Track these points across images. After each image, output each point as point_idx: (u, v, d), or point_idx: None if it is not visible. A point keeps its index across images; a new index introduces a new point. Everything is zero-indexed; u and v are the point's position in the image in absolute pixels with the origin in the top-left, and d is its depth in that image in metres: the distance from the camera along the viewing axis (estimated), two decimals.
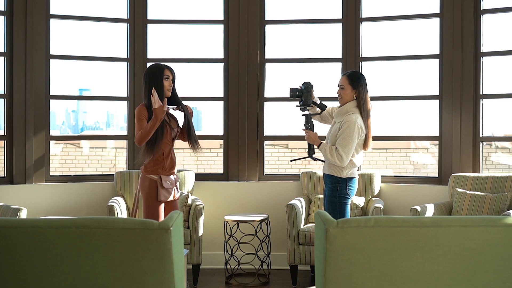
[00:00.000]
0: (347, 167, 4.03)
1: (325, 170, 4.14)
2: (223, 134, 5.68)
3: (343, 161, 3.96)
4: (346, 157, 3.95)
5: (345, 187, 4.03)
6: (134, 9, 5.60)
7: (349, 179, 4.05)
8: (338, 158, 3.96)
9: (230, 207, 5.48)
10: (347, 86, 4.06)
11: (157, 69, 3.94)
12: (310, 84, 4.15)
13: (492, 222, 2.23)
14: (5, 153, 5.35)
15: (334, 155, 3.97)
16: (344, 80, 4.09)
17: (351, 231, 2.15)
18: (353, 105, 4.05)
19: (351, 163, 4.04)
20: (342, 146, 3.95)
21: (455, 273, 2.19)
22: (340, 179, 4.03)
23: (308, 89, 4.14)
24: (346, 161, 3.97)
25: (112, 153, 10.56)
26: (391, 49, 6.38)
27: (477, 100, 5.33)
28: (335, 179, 4.04)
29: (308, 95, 4.15)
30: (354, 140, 3.97)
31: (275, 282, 5.07)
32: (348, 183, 4.04)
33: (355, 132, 3.96)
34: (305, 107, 4.16)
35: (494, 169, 9.70)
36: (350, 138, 3.95)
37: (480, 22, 5.33)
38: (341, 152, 3.95)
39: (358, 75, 4.12)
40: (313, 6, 6.33)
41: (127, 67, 5.62)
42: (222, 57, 5.69)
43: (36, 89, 5.38)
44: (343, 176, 4.03)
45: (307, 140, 4.19)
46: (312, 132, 4.16)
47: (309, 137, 4.16)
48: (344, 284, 2.18)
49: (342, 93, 4.08)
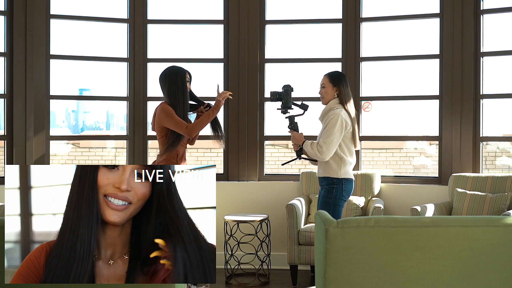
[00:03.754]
0: (341, 166, 4.02)
1: (319, 174, 4.15)
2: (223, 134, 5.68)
3: (323, 153, 3.96)
4: (326, 149, 3.96)
5: (341, 188, 4.02)
6: (134, 9, 5.60)
7: (345, 180, 4.04)
8: (318, 150, 3.97)
9: (230, 207, 5.48)
10: (327, 84, 4.13)
11: (179, 72, 4.08)
12: (290, 86, 4.21)
13: (492, 222, 2.23)
14: (5, 153, 5.35)
15: (314, 148, 4.00)
16: (325, 79, 4.17)
17: (351, 231, 2.15)
18: (335, 102, 4.11)
19: (344, 161, 4.04)
20: (324, 138, 3.98)
21: (455, 273, 2.19)
22: (336, 180, 4.02)
23: (288, 91, 4.19)
24: (326, 153, 3.96)
25: (112, 153, 10.55)
26: (391, 49, 6.37)
27: (477, 100, 5.33)
28: (331, 180, 4.03)
29: (288, 98, 4.19)
30: (336, 132, 3.97)
31: (275, 282, 5.07)
32: (345, 184, 4.03)
33: (338, 125, 3.98)
34: (285, 109, 4.22)
35: (494, 169, 9.69)
36: (332, 130, 3.97)
37: (480, 22, 5.32)
38: (322, 143, 3.97)
39: (338, 74, 4.20)
40: (313, 6, 6.32)
41: (127, 67, 5.62)
42: (222, 57, 5.69)
43: (36, 89, 5.38)
44: (339, 177, 4.02)
45: (292, 141, 4.22)
46: (296, 132, 4.21)
47: (293, 138, 4.20)
48: (344, 284, 2.18)
49: (324, 92, 4.15)
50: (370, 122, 5.73)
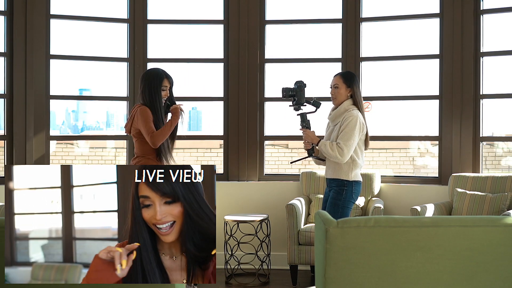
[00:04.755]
0: (353, 168, 3.97)
1: (328, 175, 4.08)
2: (223, 134, 5.68)
3: (344, 155, 3.88)
4: (347, 151, 3.88)
5: (351, 190, 3.97)
6: (134, 9, 5.60)
7: (355, 183, 3.99)
8: (339, 152, 3.88)
9: (230, 207, 5.48)
10: (341, 85, 4.04)
11: (156, 77, 3.94)
12: (302, 83, 4.10)
13: (492, 222, 2.23)
14: (5, 153, 5.34)
15: (335, 149, 3.89)
16: (338, 79, 4.06)
17: (351, 231, 2.15)
18: (349, 103, 4.03)
19: (356, 163, 3.98)
20: (344, 140, 3.88)
21: (455, 273, 2.19)
22: (346, 182, 3.97)
23: (301, 88, 4.08)
24: (347, 155, 3.89)
25: (112, 153, 10.56)
26: (391, 49, 6.38)
27: (477, 100, 5.33)
28: (341, 182, 3.98)
29: (302, 94, 4.08)
30: (356, 134, 3.90)
31: (275, 282, 5.07)
32: (354, 187, 3.99)
33: (357, 127, 3.91)
34: (298, 106, 4.11)
35: (494, 169, 9.70)
36: (352, 132, 3.89)
37: (480, 22, 5.32)
38: (343, 145, 3.87)
39: (351, 74, 4.11)
40: (313, 6, 6.32)
41: (127, 67, 5.62)
42: (222, 57, 5.68)
43: (36, 89, 5.38)
44: (349, 179, 3.97)
45: (305, 139, 4.13)
46: (309, 130, 4.12)
47: (307, 136, 4.11)
48: (344, 284, 2.18)
49: (336, 92, 4.05)
50: (370, 122, 5.71)
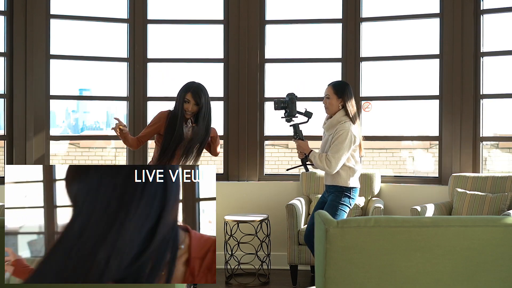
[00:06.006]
0: (350, 175, 4.09)
1: (327, 182, 4.20)
2: (223, 134, 5.68)
3: (332, 167, 4.00)
4: (335, 163, 4.00)
5: (348, 195, 4.10)
6: (134, 9, 5.60)
7: (354, 189, 4.12)
8: (327, 163, 4.00)
9: (230, 207, 5.48)
10: (332, 95, 4.13)
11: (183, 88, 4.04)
12: (294, 95, 4.21)
13: (492, 222, 2.23)
14: (5, 153, 5.35)
15: (323, 160, 4.02)
16: (329, 90, 4.16)
17: (351, 231, 2.15)
18: (341, 114, 4.12)
19: (353, 170, 4.10)
20: (333, 152, 4.01)
21: (455, 273, 2.19)
22: (345, 188, 4.10)
23: (292, 100, 4.19)
24: (335, 167, 4.01)
25: (112, 153, 10.55)
26: (391, 49, 6.37)
27: (477, 100, 5.33)
28: (340, 188, 4.11)
29: (293, 106, 4.20)
30: (345, 148, 4.01)
31: (275, 282, 5.07)
32: (352, 192, 4.12)
33: (348, 140, 4.01)
34: (290, 118, 4.22)
35: (494, 169, 9.69)
36: (342, 145, 4.00)
37: (480, 22, 5.32)
38: (331, 157, 4.00)
39: (343, 84, 4.20)
40: (313, 6, 6.32)
41: (127, 67, 5.62)
42: (222, 57, 5.68)
43: (36, 89, 5.38)
44: (348, 186, 4.10)
45: (297, 149, 4.24)
46: (302, 141, 4.22)
47: (299, 146, 4.22)
48: (344, 284, 2.18)
49: (328, 102, 4.15)
50: (370, 122, 5.73)
